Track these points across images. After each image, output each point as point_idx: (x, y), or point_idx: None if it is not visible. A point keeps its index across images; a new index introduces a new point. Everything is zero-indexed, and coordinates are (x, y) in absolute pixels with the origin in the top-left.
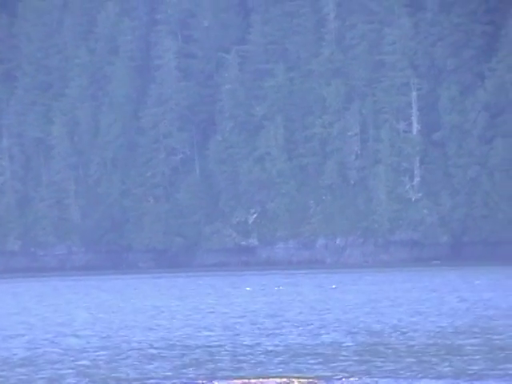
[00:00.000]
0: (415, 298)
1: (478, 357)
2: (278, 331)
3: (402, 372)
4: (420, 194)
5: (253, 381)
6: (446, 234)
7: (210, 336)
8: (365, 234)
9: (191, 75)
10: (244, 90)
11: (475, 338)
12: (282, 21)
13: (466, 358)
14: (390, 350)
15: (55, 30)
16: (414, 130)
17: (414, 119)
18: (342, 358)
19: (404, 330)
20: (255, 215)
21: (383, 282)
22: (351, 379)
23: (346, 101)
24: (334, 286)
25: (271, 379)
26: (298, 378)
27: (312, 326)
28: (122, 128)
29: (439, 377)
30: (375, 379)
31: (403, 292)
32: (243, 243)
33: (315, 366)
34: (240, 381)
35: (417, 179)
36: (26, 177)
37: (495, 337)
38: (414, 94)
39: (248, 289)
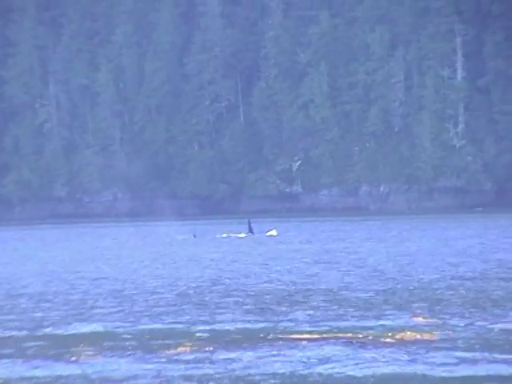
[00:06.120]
0: None
1: None
2: None
3: None
4: (464, 141)
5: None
6: (490, 181)
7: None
8: (409, 180)
9: (235, 22)
10: (288, 37)
11: None
12: None
13: None
14: None
15: None
16: (459, 77)
17: (459, 65)
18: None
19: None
20: (299, 162)
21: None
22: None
23: (390, 47)
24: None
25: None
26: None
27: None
28: (167, 75)
29: None
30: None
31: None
32: (287, 190)
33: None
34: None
35: (461, 126)
36: (72, 124)
37: None
38: (459, 40)
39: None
